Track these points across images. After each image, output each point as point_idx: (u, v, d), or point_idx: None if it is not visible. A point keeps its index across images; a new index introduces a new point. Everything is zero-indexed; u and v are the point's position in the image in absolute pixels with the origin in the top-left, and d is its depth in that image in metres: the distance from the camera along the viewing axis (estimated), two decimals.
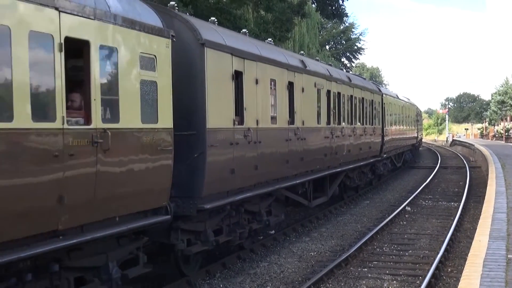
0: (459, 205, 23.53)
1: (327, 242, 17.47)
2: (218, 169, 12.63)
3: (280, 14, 28.80)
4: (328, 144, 20.48)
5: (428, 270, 13.62)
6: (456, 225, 19.15)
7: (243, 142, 13.67)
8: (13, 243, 7.66)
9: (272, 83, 15.63)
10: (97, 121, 9.00)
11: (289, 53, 19.22)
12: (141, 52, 10.14)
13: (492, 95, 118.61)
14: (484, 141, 76.98)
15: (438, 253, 15.30)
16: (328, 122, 20.66)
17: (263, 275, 13.83)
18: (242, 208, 14.37)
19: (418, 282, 13.17)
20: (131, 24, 9.87)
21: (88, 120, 8.91)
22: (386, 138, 31.61)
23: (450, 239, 16.99)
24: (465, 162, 48.30)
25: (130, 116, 9.79)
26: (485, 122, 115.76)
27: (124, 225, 9.72)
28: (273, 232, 17.86)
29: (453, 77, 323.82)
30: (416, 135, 49.50)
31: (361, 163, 25.60)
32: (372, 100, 28.46)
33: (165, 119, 10.74)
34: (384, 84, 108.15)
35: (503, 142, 76.11)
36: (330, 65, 25.09)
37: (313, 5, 38.44)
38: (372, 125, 28.13)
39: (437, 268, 13.85)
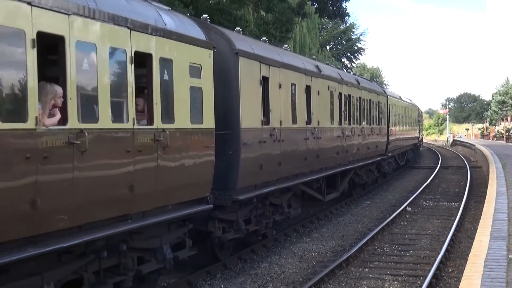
0: (460, 205, 23.53)
1: (328, 243, 17.47)
2: (249, 165, 14.15)
3: (280, 14, 28.82)
4: (340, 143, 21.94)
5: (429, 271, 13.62)
6: (457, 225, 19.15)
7: (269, 141, 15.19)
8: (91, 225, 9.09)
9: (293, 87, 17.18)
10: (158, 122, 10.51)
11: (305, 59, 20.61)
12: (190, 62, 11.68)
13: (492, 95, 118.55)
14: (485, 141, 76.97)
15: (439, 253, 15.30)
16: (340, 123, 22.19)
17: (264, 275, 13.83)
18: (267, 201, 15.93)
19: (419, 282, 13.18)
20: (182, 38, 11.45)
21: (151, 121, 10.42)
22: (391, 138, 33.01)
23: (451, 239, 16.99)
24: (465, 162, 48.29)
25: (182, 118, 11.31)
26: (486, 122, 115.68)
27: (175, 212, 11.24)
28: (274, 233, 17.87)
29: (453, 77, 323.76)
30: (418, 135, 50.99)
31: (369, 161, 27.01)
32: (378, 102, 29.89)
33: (209, 120, 12.24)
34: (385, 84, 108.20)
35: (503, 142, 76.02)
36: (341, 69, 26.92)
37: (313, 6, 38.44)
38: (379, 125, 29.58)
39: (438, 268, 13.85)
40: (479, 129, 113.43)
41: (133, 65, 9.88)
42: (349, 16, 36.19)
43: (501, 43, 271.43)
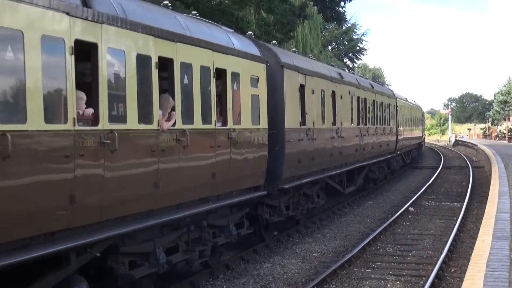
0: (462, 205, 23.52)
1: (330, 243, 17.48)
2: (291, 159, 16.73)
3: (281, 16, 28.80)
4: (358, 141, 24.61)
5: (432, 271, 13.62)
6: (459, 226, 19.14)
7: (305, 139, 17.86)
8: (185, 204, 11.60)
9: (322, 92, 19.82)
10: (230, 124, 13.16)
11: (331, 68, 23.87)
12: (251, 75, 14.43)
13: (494, 95, 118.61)
14: (487, 141, 76.91)
15: (441, 253, 15.30)
16: (358, 123, 24.91)
17: (267, 276, 13.84)
18: (301, 191, 18.38)
19: (421, 282, 13.17)
20: (245, 55, 14.25)
21: (225, 123, 12.99)
22: (399, 137, 35.91)
23: (454, 239, 16.99)
24: (468, 162, 48.27)
25: (246, 120, 14.01)
26: (488, 122, 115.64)
27: (239, 197, 13.81)
28: (276, 233, 17.89)
29: (455, 77, 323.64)
30: (421, 134, 54.47)
31: (381, 158, 29.87)
32: (389, 104, 32.91)
33: (263, 121, 15.02)
34: (387, 84, 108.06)
35: (506, 142, 75.99)
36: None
37: (315, 7, 38.48)
38: (389, 125, 32.62)
39: (440, 268, 13.85)
40: (481, 129, 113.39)
41: (214, 79, 12.52)
42: (346, 21, 36.30)
43: (502, 43, 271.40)
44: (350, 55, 75.39)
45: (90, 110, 9.01)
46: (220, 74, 12.94)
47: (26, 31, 7.65)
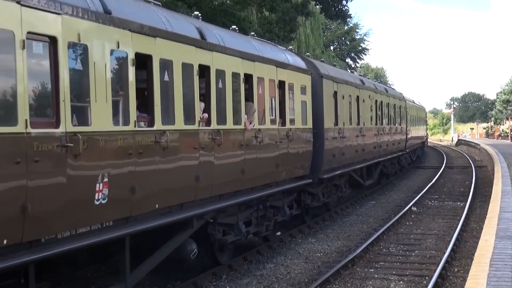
0: (465, 204, 23.50)
1: (333, 243, 17.46)
2: (328, 154, 19.97)
3: (283, 14, 28.82)
4: (376, 140, 27.91)
5: (435, 270, 13.60)
6: (462, 225, 19.12)
7: (338, 137, 21.13)
8: (257, 188, 14.82)
9: (349, 97, 23.22)
10: (288, 124, 16.53)
11: (355, 75, 29.14)
12: (301, 85, 17.77)
13: (497, 94, 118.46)
14: (490, 141, 76.83)
15: (444, 253, 15.28)
16: (376, 123, 28.09)
17: (270, 276, 13.83)
18: (333, 182, 21.29)
19: (424, 282, 13.15)
20: (297, 69, 17.88)
21: (284, 123, 16.35)
22: (408, 136, 39.18)
23: (457, 239, 16.96)
24: (470, 161, 48.22)
25: (298, 121, 17.39)
26: (491, 121, 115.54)
27: (291, 183, 17.01)
28: (279, 233, 17.89)
29: (458, 77, 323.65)
30: (425, 133, 58.77)
31: (393, 155, 33.12)
32: (400, 106, 36.43)
33: (309, 122, 18.38)
34: (389, 84, 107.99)
35: (509, 141, 75.93)
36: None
37: (317, 6, 38.43)
38: (400, 125, 36.04)
39: (443, 268, 13.83)
40: (484, 128, 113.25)
41: (278, 89, 16.04)
42: (351, 17, 36.22)
43: (505, 42, 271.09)
44: (352, 55, 75.40)
45: (205, 115, 12.36)
46: (281, 84, 16.34)
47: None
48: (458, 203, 25.07)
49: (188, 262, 12.72)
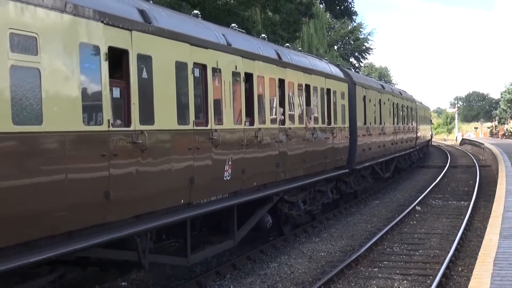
0: (469, 204, 23.48)
1: (337, 243, 17.47)
2: (359, 149, 23.74)
3: (287, 15, 28.79)
4: (393, 137, 31.72)
5: (439, 270, 13.59)
6: (466, 224, 19.10)
7: (366, 134, 24.95)
8: (306, 176, 18.02)
9: (374, 100, 27.27)
10: (333, 123, 20.48)
11: (377, 81, 33.62)
12: (341, 91, 21.61)
13: (501, 94, 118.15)
14: (494, 140, 76.65)
15: (448, 252, 15.28)
16: (393, 123, 32.03)
17: (273, 276, 13.83)
18: (360, 173, 24.93)
19: (428, 281, 13.15)
20: (338, 78, 21.83)
21: (330, 123, 20.15)
22: (418, 135, 43.26)
23: (461, 238, 16.96)
24: (475, 161, 48.15)
25: (339, 121, 21.30)
26: (495, 120, 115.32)
27: (333, 172, 20.59)
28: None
29: (462, 76, 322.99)
30: (430, 133, 63.88)
31: (406, 152, 37.03)
32: (411, 107, 40.40)
33: (347, 122, 22.26)
34: (393, 83, 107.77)
35: None
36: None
37: (321, 6, 38.38)
38: (412, 125, 40.00)
39: (447, 267, 13.83)
40: (488, 127, 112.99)
41: (326, 96, 19.87)
42: (356, 15, 36.11)
43: (509, 42, 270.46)
44: (356, 54, 75.29)
45: (282, 117, 16.04)
46: (328, 92, 20.16)
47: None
48: (462, 202, 25.06)
49: (265, 230, 15.99)
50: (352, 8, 34.57)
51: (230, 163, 12.96)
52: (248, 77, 14.33)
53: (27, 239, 7.92)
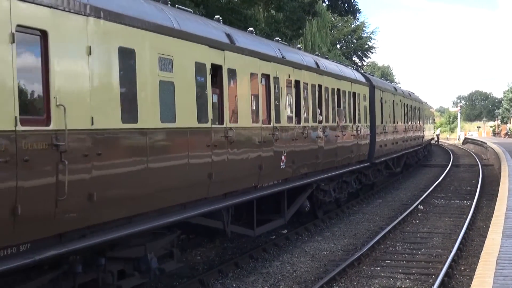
0: (472, 203, 23.47)
1: (339, 241, 17.46)
2: (378, 145, 26.57)
3: (291, 13, 28.79)
4: (404, 135, 34.62)
5: (441, 269, 13.59)
6: (469, 224, 19.09)
7: (383, 132, 27.89)
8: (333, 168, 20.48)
9: (388, 101, 30.01)
10: (357, 122, 23.17)
11: (389, 84, 36.88)
12: (363, 94, 24.63)
13: (504, 93, 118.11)
14: (496, 139, 76.51)
15: (451, 251, 15.26)
16: (404, 122, 34.95)
17: (276, 274, 13.83)
18: (376, 167, 27.59)
19: (431, 280, 13.14)
20: (361, 83, 24.76)
21: (355, 122, 22.96)
22: (424, 133, 46.44)
23: (463, 237, 16.94)
24: (477, 160, 48.10)
25: (362, 120, 24.03)
26: (497, 120, 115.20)
27: (355, 165, 23.07)
28: (285, 231, 17.92)
29: (465, 75, 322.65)
30: (433, 131, 66.86)
31: (414, 149, 40.02)
32: (419, 107, 43.88)
33: (367, 120, 25.11)
34: (396, 82, 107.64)
35: None
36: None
37: (323, 4, 38.38)
38: (420, 123, 43.34)
39: (450, 266, 13.82)
40: (491, 127, 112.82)
41: (352, 98, 22.82)
42: (360, 12, 36.11)
43: None
44: (359, 53, 75.28)
45: (320, 117, 18.86)
46: (354, 94, 23.10)
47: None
48: (465, 201, 25.04)
49: (304, 213, 18.56)
50: (355, 5, 34.59)
51: (285, 154, 15.86)
52: (297, 83, 17.12)
53: (160, 207, 10.55)
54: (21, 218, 7.43)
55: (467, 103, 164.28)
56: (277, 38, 19.45)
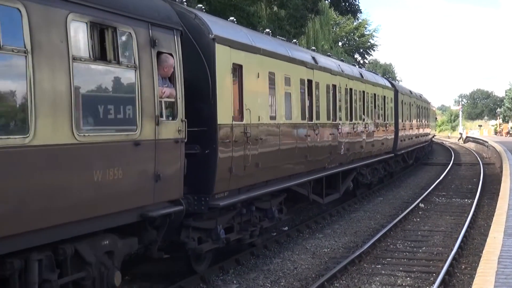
0: (473, 201, 23.45)
1: (340, 239, 17.46)
2: (399, 139, 31.45)
3: (294, 11, 28.75)
4: (417, 132, 40.03)
5: (442, 267, 13.58)
6: (470, 222, 19.07)
7: (402, 128, 32.45)
8: (369, 157, 25.49)
9: (406, 103, 35.22)
10: (388, 120, 28.98)
11: (405, 87, 40.90)
12: (390, 97, 29.81)
13: (506, 92, 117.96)
14: (498, 138, 76.44)
15: (452, 250, 15.24)
16: (417, 120, 40.45)
17: (277, 271, 13.84)
18: (396, 158, 31.97)
19: (432, 279, 13.14)
20: (387, 87, 29.98)
21: (384, 119, 28.11)
22: (430, 131, 51.97)
23: (464, 236, 16.92)
24: (478, 159, 48.08)
25: (389, 119, 29.35)
26: (499, 118, 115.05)
27: (381, 156, 27.41)
28: (286, 228, 17.92)
29: (466, 73, 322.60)
30: (435, 130, 72.17)
31: (423, 144, 45.24)
32: (427, 108, 49.21)
33: (391, 118, 29.69)
34: (397, 80, 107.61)
35: None
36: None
37: (326, 1, 38.37)
38: (427, 122, 48.60)
39: (451, 265, 13.80)
40: (492, 125, 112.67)
41: (383, 100, 27.78)
42: (361, 12, 36.16)
43: None
44: (361, 51, 75.23)
45: (364, 116, 23.59)
46: (384, 97, 28.25)
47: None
48: (466, 200, 25.03)
49: (349, 192, 23.52)
50: (357, 5, 34.62)
51: (343, 144, 20.83)
52: (350, 90, 22.23)
53: (283, 175, 15.67)
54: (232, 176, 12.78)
55: (468, 101, 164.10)
56: (328, 53, 27.27)
